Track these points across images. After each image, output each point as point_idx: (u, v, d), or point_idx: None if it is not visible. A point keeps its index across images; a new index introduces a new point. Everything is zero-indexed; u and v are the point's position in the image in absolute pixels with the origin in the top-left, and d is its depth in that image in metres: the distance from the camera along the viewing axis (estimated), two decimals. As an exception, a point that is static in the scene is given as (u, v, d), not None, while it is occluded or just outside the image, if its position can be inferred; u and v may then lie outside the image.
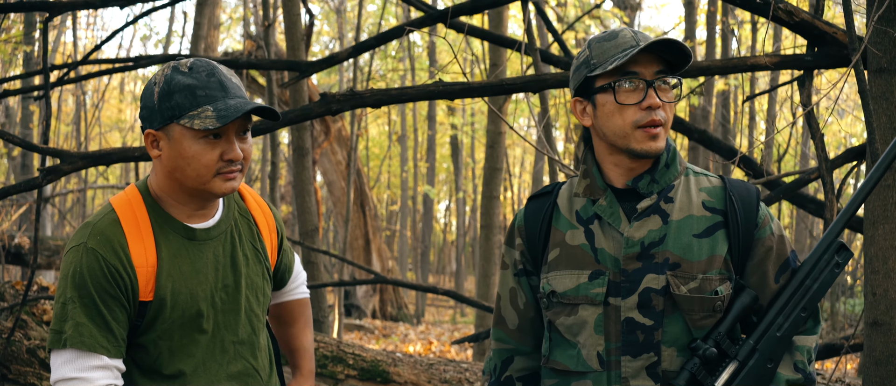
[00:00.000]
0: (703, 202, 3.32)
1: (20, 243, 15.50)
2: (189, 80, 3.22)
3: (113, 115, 38.82)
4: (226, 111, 3.17)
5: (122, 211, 3.34)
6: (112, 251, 3.24)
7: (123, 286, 3.24)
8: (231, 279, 3.46)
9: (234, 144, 3.26)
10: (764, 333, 3.25)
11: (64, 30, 26.28)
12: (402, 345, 17.72)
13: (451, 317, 28.75)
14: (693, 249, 3.24)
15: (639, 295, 3.23)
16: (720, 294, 3.22)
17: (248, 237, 3.57)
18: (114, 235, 3.27)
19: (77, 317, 3.20)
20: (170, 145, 3.25)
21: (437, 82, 6.33)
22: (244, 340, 3.51)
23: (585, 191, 3.41)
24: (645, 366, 3.23)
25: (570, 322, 3.35)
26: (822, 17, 5.90)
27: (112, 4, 7.10)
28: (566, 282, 3.35)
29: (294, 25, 10.81)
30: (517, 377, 3.60)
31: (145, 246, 3.31)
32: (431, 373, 7.84)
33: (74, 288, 3.22)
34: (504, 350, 3.62)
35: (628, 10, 23.62)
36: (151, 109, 3.26)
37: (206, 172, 3.26)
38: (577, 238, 3.37)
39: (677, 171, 3.36)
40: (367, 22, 28.82)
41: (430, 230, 35.31)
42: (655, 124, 3.26)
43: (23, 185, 6.29)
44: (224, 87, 3.24)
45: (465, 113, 31.30)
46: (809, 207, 7.43)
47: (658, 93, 3.26)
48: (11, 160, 24.19)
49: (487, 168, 12.94)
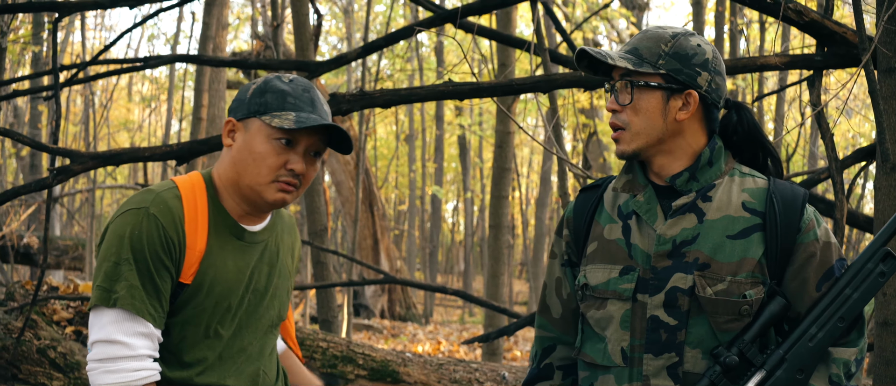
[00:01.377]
0: (744, 203, 3.24)
1: (29, 243, 15.55)
2: (285, 87, 3.31)
3: (121, 115, 38.86)
4: (306, 120, 3.24)
5: (185, 190, 3.36)
6: (172, 223, 3.25)
7: (174, 260, 3.25)
8: (263, 285, 3.49)
9: (301, 157, 3.31)
10: (795, 343, 3.16)
11: (72, 30, 26.31)
12: (410, 345, 17.72)
13: (459, 317, 28.74)
14: (724, 250, 3.18)
15: (665, 293, 3.20)
16: (749, 298, 3.16)
17: (288, 250, 3.62)
18: (175, 208, 3.28)
19: (131, 278, 3.17)
20: (244, 137, 3.31)
21: (447, 82, 6.33)
22: (263, 345, 3.54)
23: (625, 186, 3.40)
24: (666, 365, 3.20)
25: (598, 316, 3.34)
26: (831, 17, 5.89)
27: (121, 5, 7.11)
28: (599, 275, 3.34)
29: (303, 26, 10.81)
30: (557, 366, 3.60)
31: (199, 229, 3.33)
32: (441, 373, 7.84)
33: (130, 250, 3.19)
34: (546, 338, 3.63)
35: (636, 10, 23.60)
36: (241, 101, 3.35)
37: (267, 175, 3.30)
38: (615, 233, 3.35)
39: (721, 170, 3.30)
40: (375, 22, 28.83)
41: (438, 230, 35.31)
42: (613, 128, 3.30)
43: (33, 185, 6.30)
44: (313, 105, 3.32)
45: (473, 113, 31.27)
46: (819, 207, 7.40)
47: (618, 95, 3.28)
48: (20, 160, 24.23)
49: (496, 168, 12.93)
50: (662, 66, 3.22)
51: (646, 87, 3.24)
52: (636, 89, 3.24)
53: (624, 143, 3.27)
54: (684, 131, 3.28)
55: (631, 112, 3.25)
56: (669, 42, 3.24)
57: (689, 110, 3.26)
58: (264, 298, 3.50)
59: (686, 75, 3.23)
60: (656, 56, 3.23)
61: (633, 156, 3.30)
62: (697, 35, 3.32)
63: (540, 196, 26.02)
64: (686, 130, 3.28)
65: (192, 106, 18.55)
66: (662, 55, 3.23)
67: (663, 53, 3.23)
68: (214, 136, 6.52)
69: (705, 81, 3.25)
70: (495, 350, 12.81)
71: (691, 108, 3.26)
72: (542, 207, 25.67)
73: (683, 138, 3.28)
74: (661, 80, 3.24)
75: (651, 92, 3.24)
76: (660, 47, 3.24)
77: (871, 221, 6.35)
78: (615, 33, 25.54)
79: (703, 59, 3.25)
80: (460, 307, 31.16)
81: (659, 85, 3.23)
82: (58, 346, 7.49)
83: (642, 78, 3.23)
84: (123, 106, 39.00)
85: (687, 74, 3.23)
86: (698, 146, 3.29)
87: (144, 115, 37.04)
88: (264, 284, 3.49)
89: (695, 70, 3.24)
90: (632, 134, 3.25)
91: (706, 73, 3.25)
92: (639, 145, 3.26)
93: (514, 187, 27.29)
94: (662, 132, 3.26)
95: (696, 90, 3.25)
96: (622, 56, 3.26)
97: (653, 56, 3.24)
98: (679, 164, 3.29)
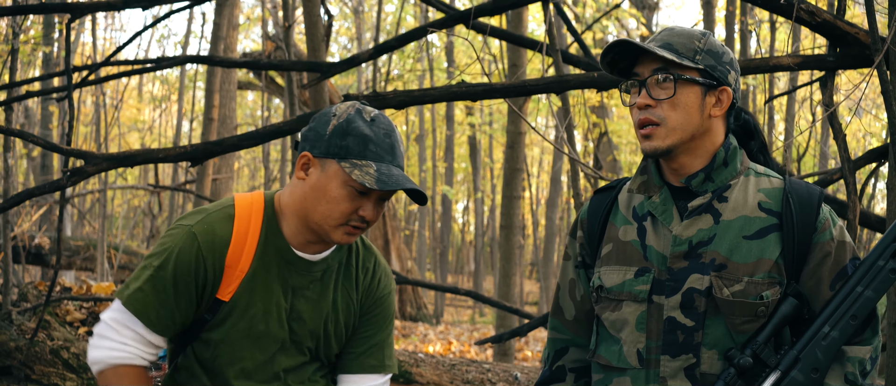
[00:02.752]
0: (760, 203, 3.24)
1: (40, 244, 15.57)
2: (368, 130, 3.31)
3: (131, 114, 38.86)
4: (387, 179, 3.26)
5: (240, 209, 3.46)
6: (210, 245, 3.38)
7: (202, 280, 3.38)
8: (309, 315, 3.51)
9: (373, 206, 3.35)
10: (809, 342, 3.15)
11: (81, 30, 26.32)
12: (421, 345, 17.72)
13: (469, 317, 28.73)
14: (741, 251, 3.18)
15: (682, 295, 3.20)
16: (765, 299, 3.16)
17: (345, 286, 3.61)
18: (221, 229, 3.41)
19: (144, 284, 3.37)
20: (320, 177, 3.34)
21: (460, 84, 6.33)
22: (300, 376, 3.58)
23: (640, 188, 3.39)
24: (683, 367, 3.20)
25: (614, 318, 3.34)
26: (843, 18, 5.89)
27: (134, 6, 7.12)
28: (614, 277, 3.35)
29: (314, 26, 10.80)
30: (570, 368, 3.61)
31: (246, 250, 3.42)
32: (454, 373, 7.85)
33: (159, 260, 3.38)
34: (559, 340, 3.64)
35: (646, 10, 23.59)
36: (321, 137, 3.35)
37: (337, 219, 3.34)
38: (630, 234, 3.36)
39: (736, 170, 3.30)
40: (385, 21, 28.82)
41: (448, 230, 35.26)
42: (643, 124, 3.27)
43: (47, 187, 6.32)
44: (393, 152, 3.34)
45: (483, 113, 31.25)
46: (831, 207, 7.41)
47: (651, 91, 3.25)
48: (31, 161, 24.24)
49: (507, 169, 12.93)
50: (700, 61, 3.23)
51: (688, 82, 3.23)
52: (679, 82, 3.22)
53: (658, 138, 3.24)
54: (711, 129, 3.29)
55: (668, 107, 3.23)
56: (701, 39, 3.25)
57: (723, 107, 3.27)
58: (308, 327, 3.52)
59: (720, 73, 3.25)
60: (693, 52, 3.23)
61: (665, 152, 3.26)
62: (711, 34, 3.34)
63: (550, 196, 26.00)
64: (712, 128, 3.29)
65: (203, 106, 18.57)
66: (699, 51, 3.23)
67: (699, 49, 3.24)
68: (227, 138, 6.54)
69: (733, 80, 3.28)
70: (507, 351, 12.82)
71: (724, 105, 3.27)
72: (553, 207, 25.66)
73: (708, 136, 3.28)
74: (699, 75, 3.24)
75: (691, 86, 3.23)
76: (694, 43, 3.24)
77: (883, 221, 6.34)
78: (625, 33, 25.54)
79: (730, 59, 3.28)
80: (471, 307, 31.15)
81: (698, 80, 3.23)
82: (71, 346, 7.52)
83: (686, 72, 3.23)
84: (133, 106, 39.00)
85: (721, 72, 3.25)
86: (717, 143, 3.30)
87: (155, 116, 37.04)
88: (311, 315, 3.52)
89: (726, 67, 3.26)
90: (667, 130, 3.23)
91: (733, 73, 3.28)
92: (673, 141, 3.24)
93: (524, 187, 27.27)
94: (697, 128, 3.25)
95: (729, 87, 3.27)
96: (661, 48, 3.24)
97: (689, 52, 3.23)
98: (697, 163, 3.29)
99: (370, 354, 3.66)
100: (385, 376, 3.70)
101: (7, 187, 11.28)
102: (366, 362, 3.64)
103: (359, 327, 3.66)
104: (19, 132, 6.67)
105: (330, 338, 3.57)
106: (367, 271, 3.65)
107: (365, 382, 3.66)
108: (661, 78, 3.23)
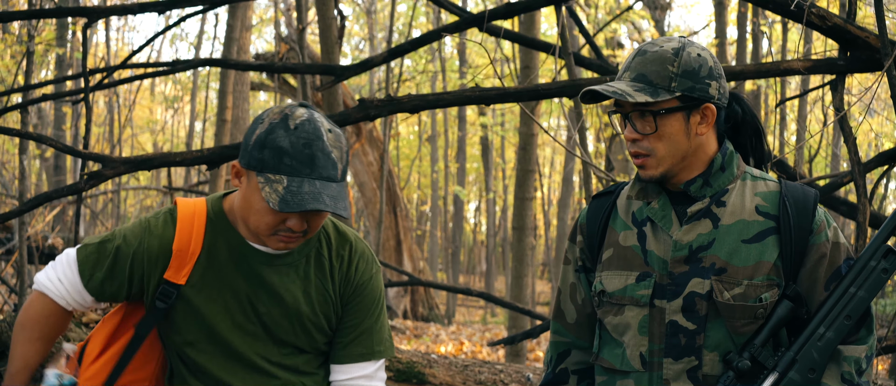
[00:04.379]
0: (757, 207, 3.29)
1: (53, 244, 15.61)
2: (285, 141, 3.21)
3: (144, 115, 38.91)
4: (291, 199, 3.17)
5: (183, 208, 3.53)
6: (158, 232, 3.50)
7: (141, 262, 3.48)
8: (277, 306, 3.52)
9: (299, 219, 3.29)
10: (805, 343, 3.20)
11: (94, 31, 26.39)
12: (433, 345, 17.73)
13: (481, 317, 28.71)
14: (740, 255, 3.23)
15: (683, 299, 3.25)
16: (764, 301, 3.21)
17: (318, 276, 3.59)
18: (165, 220, 3.53)
19: (95, 245, 3.53)
20: (246, 187, 3.32)
21: (474, 88, 6.35)
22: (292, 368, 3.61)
23: (639, 193, 3.44)
24: (686, 369, 3.25)
25: (616, 322, 3.39)
26: (854, 22, 5.92)
27: (150, 10, 7.16)
28: (615, 282, 3.39)
29: (328, 28, 10.83)
30: (572, 370, 3.66)
31: (193, 238, 3.47)
32: (466, 374, 7.87)
33: (111, 234, 3.54)
34: (561, 343, 3.68)
35: (658, 11, 23.58)
36: (245, 145, 3.31)
37: (265, 229, 3.31)
38: (630, 239, 3.40)
39: (733, 175, 3.35)
40: (397, 22, 28.83)
41: (460, 231, 35.28)
42: (635, 155, 3.31)
43: (65, 190, 6.37)
44: (312, 164, 3.22)
45: (496, 113, 31.26)
46: (841, 209, 7.43)
47: (635, 123, 3.28)
48: (44, 162, 24.32)
49: (520, 170, 12.93)
50: (676, 88, 3.23)
51: (667, 114, 3.24)
52: (658, 117, 3.24)
53: (650, 168, 3.30)
54: (702, 144, 3.31)
55: (654, 139, 3.26)
56: (675, 61, 3.23)
57: (709, 123, 3.29)
58: (274, 318, 3.54)
59: (700, 91, 3.25)
60: (668, 79, 3.23)
61: (660, 179, 3.32)
62: (689, 41, 3.34)
63: (562, 197, 25.98)
64: (703, 142, 3.31)
65: (216, 107, 18.60)
66: (674, 77, 3.23)
67: (674, 75, 3.23)
68: (244, 141, 6.58)
69: (716, 91, 3.28)
70: (519, 351, 12.82)
71: (710, 121, 3.29)
72: (565, 207, 25.63)
73: (701, 150, 3.31)
74: (678, 102, 3.25)
75: (672, 116, 3.25)
76: (667, 69, 3.23)
77: (893, 223, 6.37)
78: (637, 34, 25.52)
79: (709, 69, 3.27)
80: (482, 308, 31.12)
81: (678, 107, 3.24)
82: (87, 347, 7.56)
83: (664, 104, 3.24)
84: (146, 106, 39.05)
85: (700, 90, 3.25)
86: (711, 152, 3.34)
87: (167, 117, 37.10)
88: (277, 306, 3.53)
89: (705, 83, 3.26)
90: (658, 159, 3.28)
91: (715, 82, 3.28)
92: (666, 168, 3.29)
93: (536, 188, 27.27)
94: (686, 150, 3.28)
95: (711, 102, 3.28)
96: (635, 88, 3.24)
97: (664, 80, 3.23)
98: (695, 172, 3.33)
99: (358, 343, 3.63)
100: (375, 363, 3.67)
101: (22, 189, 11.34)
102: (353, 351, 3.63)
103: (344, 316, 3.63)
104: (37, 135, 6.73)
105: (308, 329, 3.56)
106: (341, 259, 3.61)
107: (354, 371, 3.64)
108: (641, 113, 3.26)
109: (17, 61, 16.10)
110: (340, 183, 3.30)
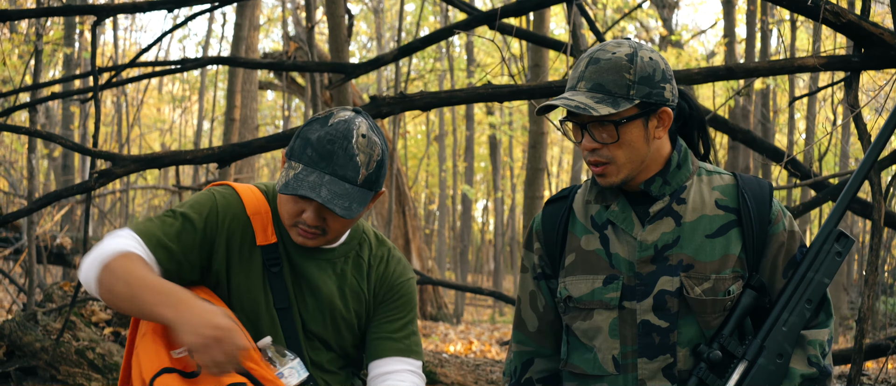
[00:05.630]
0: (716, 201, 3.35)
1: (62, 244, 15.58)
2: (314, 134, 3.28)
3: (151, 114, 38.94)
4: (294, 183, 3.23)
5: (240, 187, 3.54)
6: (227, 200, 3.48)
7: (213, 229, 3.43)
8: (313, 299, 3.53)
9: (313, 213, 3.31)
10: (770, 329, 3.27)
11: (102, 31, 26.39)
12: (442, 344, 17.70)
13: (489, 316, 28.69)
14: (706, 250, 3.29)
15: (654, 297, 3.29)
16: (732, 294, 3.28)
17: (355, 276, 3.61)
18: (231, 191, 3.51)
19: (153, 219, 3.42)
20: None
21: (486, 85, 6.33)
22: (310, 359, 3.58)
23: (598, 197, 3.45)
24: (661, 367, 3.30)
25: (585, 326, 3.41)
26: (868, 18, 5.89)
27: (158, 8, 7.14)
28: (581, 287, 3.40)
29: (337, 27, 10.81)
30: (537, 379, 3.65)
31: (260, 200, 3.52)
32: (478, 374, 7.86)
33: (184, 207, 3.45)
34: (524, 352, 3.67)
35: (666, 10, 23.57)
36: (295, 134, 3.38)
37: (286, 218, 3.38)
38: (592, 243, 3.42)
39: (689, 172, 3.39)
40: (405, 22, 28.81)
41: (468, 230, 35.27)
42: (594, 163, 3.31)
43: (75, 189, 6.34)
44: (329, 159, 3.26)
45: (504, 112, 31.25)
46: (854, 207, 7.40)
47: (594, 134, 3.27)
48: (52, 161, 24.30)
49: (530, 169, 12.92)
50: (635, 95, 3.22)
51: (627, 122, 3.23)
52: (620, 127, 3.23)
53: (611, 176, 3.31)
54: (659, 146, 3.33)
55: (614, 147, 3.26)
56: (630, 68, 3.22)
57: (665, 126, 3.31)
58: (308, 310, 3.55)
59: (656, 96, 3.25)
60: (625, 87, 3.22)
61: (621, 185, 3.33)
62: (639, 44, 3.35)
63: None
64: (660, 145, 3.34)
65: (225, 107, 18.59)
66: (631, 84, 3.22)
67: (631, 82, 3.22)
68: (255, 140, 6.56)
69: (670, 93, 3.30)
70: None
71: (667, 124, 3.31)
72: (573, 206, 25.56)
73: (657, 152, 3.34)
74: (637, 109, 3.24)
75: (632, 123, 3.25)
76: (624, 77, 3.22)
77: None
78: (645, 32, 25.51)
79: (662, 72, 3.27)
80: (491, 307, 31.15)
81: (637, 115, 3.24)
82: (96, 347, 7.54)
83: (623, 114, 3.23)
84: (154, 105, 39.08)
85: (657, 95, 3.26)
86: (666, 153, 3.37)
87: (175, 116, 37.11)
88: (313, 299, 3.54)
89: (660, 87, 3.26)
90: (618, 167, 3.29)
91: (668, 85, 3.29)
92: (627, 174, 3.31)
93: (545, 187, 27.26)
94: (645, 155, 3.30)
95: (667, 106, 3.28)
96: (595, 99, 3.22)
97: (621, 88, 3.22)
98: (651, 171, 3.35)
99: (399, 340, 3.63)
100: (416, 361, 3.64)
101: (31, 188, 11.33)
102: (396, 346, 3.61)
103: (380, 314, 3.64)
104: (46, 134, 6.71)
105: (339, 325, 3.57)
106: (379, 260, 3.65)
107: (397, 364, 3.60)
108: (600, 122, 3.25)
109: (24, 61, 16.09)
110: (359, 187, 3.31)
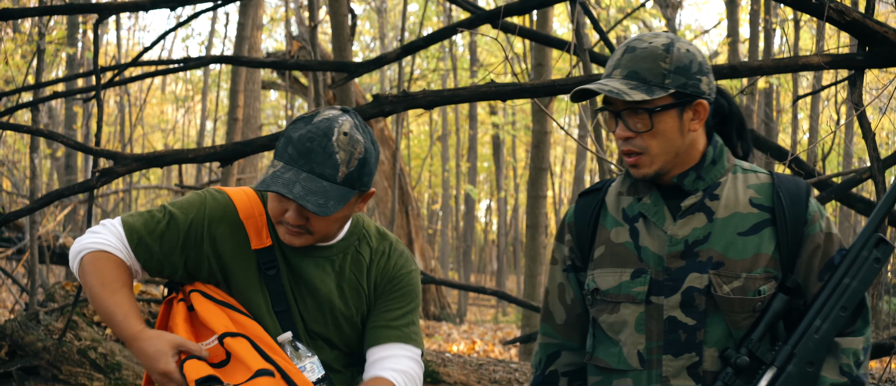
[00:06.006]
0: (751, 199, 3.29)
1: (65, 243, 15.59)
2: (296, 132, 3.28)
3: (154, 114, 38.97)
4: (268, 180, 3.23)
5: (224, 188, 3.55)
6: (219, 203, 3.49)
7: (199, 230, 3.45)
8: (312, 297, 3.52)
9: (295, 211, 3.30)
10: (802, 336, 3.20)
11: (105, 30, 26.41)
12: (445, 344, 17.72)
13: (492, 316, 28.71)
14: (737, 248, 3.23)
15: (682, 294, 3.24)
16: (762, 294, 3.21)
17: (353, 271, 3.59)
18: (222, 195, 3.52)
19: (140, 214, 3.47)
20: None
21: (490, 84, 6.31)
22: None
23: (630, 189, 3.42)
24: (686, 366, 3.24)
25: (611, 320, 3.37)
26: (872, 17, 5.87)
27: (161, 6, 7.13)
28: (609, 280, 3.37)
29: (340, 26, 10.80)
30: (563, 372, 3.61)
31: (253, 203, 3.52)
32: (481, 373, 7.85)
33: (173, 206, 3.48)
34: (550, 345, 3.64)
35: (669, 9, 23.55)
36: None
37: (273, 217, 3.37)
38: (622, 236, 3.38)
39: (724, 168, 3.34)
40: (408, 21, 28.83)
41: (471, 229, 35.31)
42: (627, 153, 3.29)
43: (77, 188, 6.33)
44: (307, 157, 3.24)
45: (507, 112, 31.27)
46: (858, 206, 7.39)
47: (628, 122, 3.25)
48: (55, 161, 24.34)
49: (533, 168, 12.91)
50: (670, 84, 3.20)
51: (661, 111, 3.21)
52: (654, 115, 3.21)
53: (644, 166, 3.28)
54: (694, 140, 3.30)
55: (648, 137, 3.24)
56: (666, 57, 3.20)
57: (701, 119, 3.27)
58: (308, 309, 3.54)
59: (692, 87, 3.22)
60: (660, 76, 3.20)
61: (655, 176, 3.30)
62: (675, 36, 3.31)
63: (573, 195, 26.00)
64: (695, 138, 3.30)
65: (227, 106, 18.59)
66: (667, 73, 3.20)
67: (667, 71, 3.20)
68: (257, 138, 6.53)
69: (707, 86, 3.26)
70: (532, 350, 12.78)
71: (702, 117, 3.28)
72: (576, 206, 25.60)
73: (692, 146, 3.30)
74: (672, 99, 3.22)
75: (667, 113, 3.22)
76: (660, 65, 3.20)
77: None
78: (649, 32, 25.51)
79: (699, 64, 3.25)
80: (494, 307, 31.15)
81: (672, 104, 3.22)
82: (98, 346, 7.54)
83: (658, 102, 3.21)
84: (157, 105, 39.11)
85: (693, 86, 3.23)
86: (702, 147, 3.32)
87: (178, 116, 37.14)
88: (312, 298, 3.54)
89: (697, 78, 3.23)
90: (652, 157, 3.26)
91: (705, 78, 3.26)
92: (660, 165, 3.27)
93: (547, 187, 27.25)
94: (679, 147, 3.27)
95: (703, 98, 3.25)
96: (630, 86, 3.20)
97: (657, 77, 3.20)
98: (685, 166, 3.32)
99: (398, 327, 3.58)
100: (416, 349, 3.60)
101: (33, 187, 11.33)
102: (394, 333, 3.56)
103: (381, 304, 3.61)
104: (49, 133, 6.70)
105: (339, 322, 3.56)
106: (381, 254, 3.62)
107: (395, 350, 3.55)
108: (634, 111, 3.23)
109: (27, 60, 16.09)
110: (338, 185, 3.28)
